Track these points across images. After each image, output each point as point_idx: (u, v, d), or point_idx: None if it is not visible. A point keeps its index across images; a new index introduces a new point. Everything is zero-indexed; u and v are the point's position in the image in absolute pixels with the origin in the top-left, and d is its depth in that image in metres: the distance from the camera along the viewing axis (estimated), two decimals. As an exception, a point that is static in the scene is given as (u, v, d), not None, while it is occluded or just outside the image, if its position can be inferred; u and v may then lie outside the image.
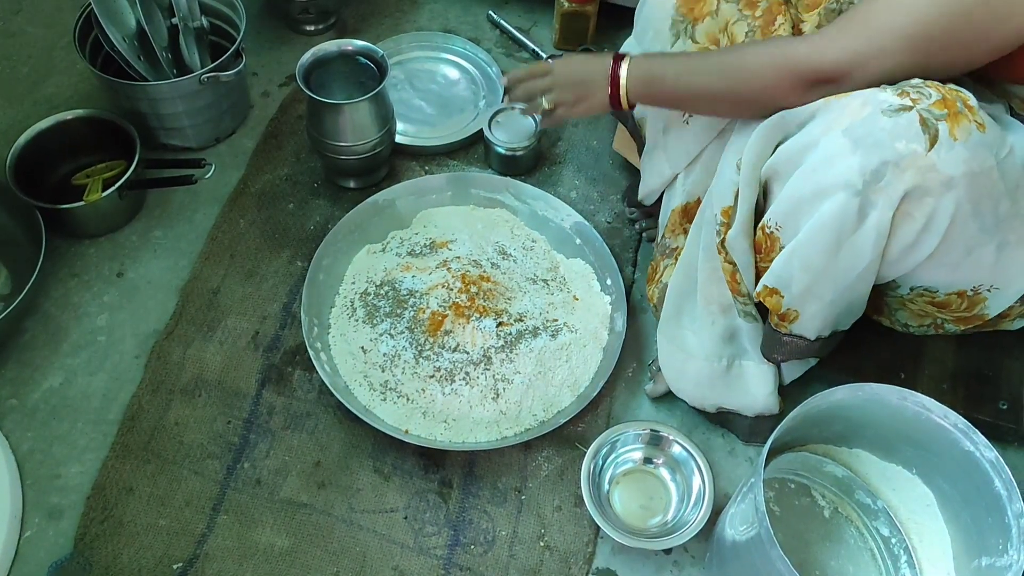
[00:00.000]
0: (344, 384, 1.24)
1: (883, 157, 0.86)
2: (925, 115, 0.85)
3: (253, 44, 1.68)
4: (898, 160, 0.86)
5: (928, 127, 0.85)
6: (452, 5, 1.80)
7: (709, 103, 1.10)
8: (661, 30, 1.16)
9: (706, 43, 1.12)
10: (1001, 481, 0.92)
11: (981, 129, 0.86)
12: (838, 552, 1.13)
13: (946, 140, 0.85)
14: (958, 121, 0.85)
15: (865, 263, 0.95)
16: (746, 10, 1.10)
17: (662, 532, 1.15)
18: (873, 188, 0.88)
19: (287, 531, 1.15)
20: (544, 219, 1.44)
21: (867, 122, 0.87)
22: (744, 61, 1.02)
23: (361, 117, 1.36)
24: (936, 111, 0.86)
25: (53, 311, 1.33)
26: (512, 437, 1.20)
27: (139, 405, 1.24)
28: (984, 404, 1.22)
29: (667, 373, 1.24)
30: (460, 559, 1.14)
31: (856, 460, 1.13)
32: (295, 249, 1.41)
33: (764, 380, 1.18)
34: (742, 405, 1.20)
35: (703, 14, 1.12)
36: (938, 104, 0.86)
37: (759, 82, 1.00)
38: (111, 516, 1.15)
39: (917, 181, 0.86)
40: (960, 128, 0.85)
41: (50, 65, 1.64)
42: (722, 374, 1.18)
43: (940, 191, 0.87)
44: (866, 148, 0.87)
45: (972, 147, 0.85)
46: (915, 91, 0.88)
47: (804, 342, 1.08)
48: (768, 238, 1.02)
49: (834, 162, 0.90)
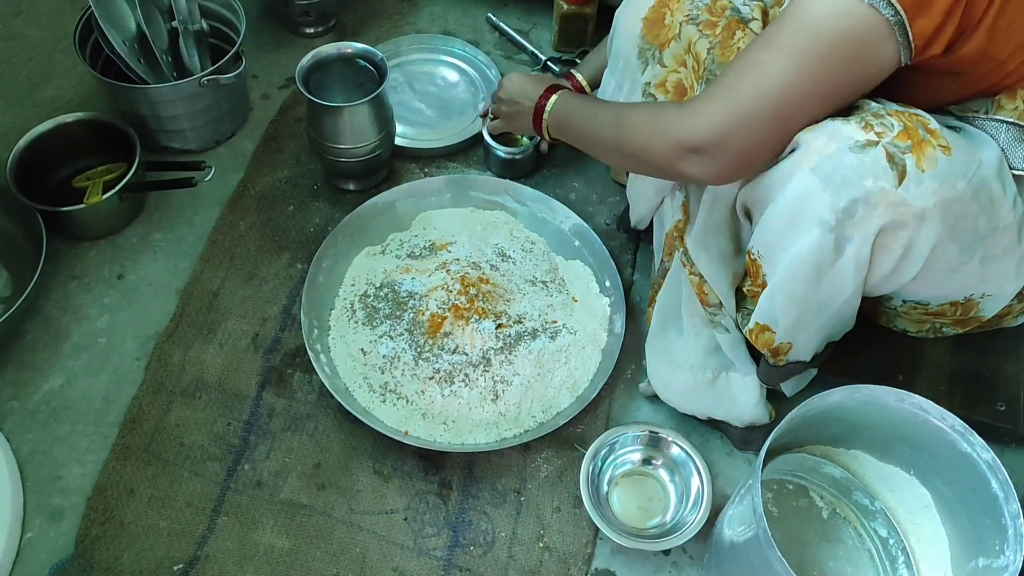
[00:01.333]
0: (344, 386, 1.24)
1: (852, 195, 0.86)
2: (891, 150, 0.85)
3: (253, 46, 1.68)
4: (867, 198, 0.85)
5: (895, 162, 0.84)
6: (451, 7, 1.80)
7: (606, 153, 1.12)
8: (630, 58, 1.17)
9: (675, 66, 1.12)
10: (998, 482, 0.93)
11: (947, 152, 0.85)
12: (836, 553, 1.14)
13: (914, 174, 0.84)
14: (923, 150, 0.85)
15: (848, 293, 0.95)
16: (706, 30, 1.10)
17: (661, 533, 1.15)
18: (847, 224, 0.88)
19: (287, 532, 1.15)
20: (543, 221, 1.44)
21: (833, 159, 0.86)
22: (629, 119, 1.03)
23: (361, 120, 1.36)
24: (900, 143, 0.85)
25: (54, 313, 1.34)
26: (511, 438, 1.21)
27: (140, 407, 1.24)
28: (982, 406, 1.22)
29: (656, 384, 1.24)
30: (460, 560, 1.15)
31: (854, 461, 1.14)
32: (295, 251, 1.42)
33: (750, 391, 1.18)
34: (730, 416, 1.20)
35: (667, 39, 1.12)
36: (901, 136, 0.85)
37: (639, 142, 1.00)
38: (112, 518, 1.15)
39: (890, 217, 0.86)
40: (926, 158, 0.85)
41: (50, 68, 1.64)
42: (708, 385, 1.19)
43: (915, 224, 0.86)
44: (835, 186, 0.87)
45: (941, 176, 0.85)
46: (878, 123, 0.87)
47: (801, 364, 1.10)
48: (753, 264, 1.03)
49: (805, 200, 0.89)
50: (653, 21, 1.13)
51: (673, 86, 1.14)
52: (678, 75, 1.13)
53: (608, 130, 1.07)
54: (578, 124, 1.16)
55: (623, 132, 1.03)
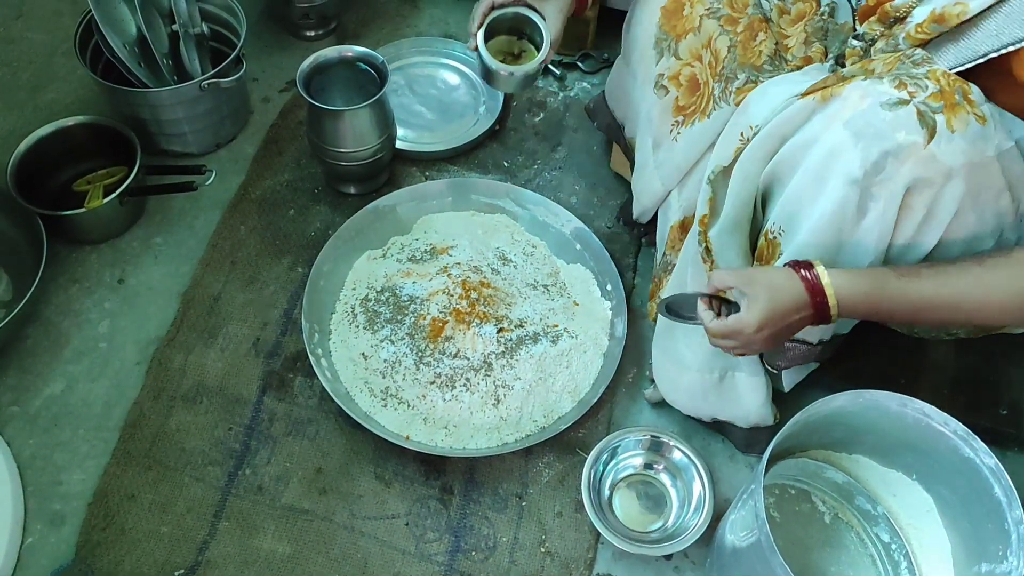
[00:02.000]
0: (345, 390, 1.24)
1: (883, 148, 0.86)
2: (922, 108, 0.85)
3: (253, 50, 1.68)
4: (898, 151, 0.86)
5: (925, 120, 0.85)
6: (452, 10, 1.80)
7: (944, 324, 1.04)
8: (646, 48, 1.17)
9: (689, 59, 1.13)
10: (1001, 487, 0.93)
11: (981, 121, 0.86)
12: (838, 558, 1.13)
13: (944, 132, 0.85)
14: (955, 112, 0.85)
15: (868, 261, 0.94)
16: (727, 26, 1.10)
17: (662, 538, 1.15)
18: (873, 180, 0.88)
19: (288, 538, 1.15)
20: (544, 224, 1.44)
21: (867, 113, 0.87)
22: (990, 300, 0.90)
23: (361, 123, 1.36)
24: (932, 103, 0.85)
25: (54, 318, 1.34)
26: (513, 443, 1.20)
27: (140, 412, 1.24)
28: (984, 410, 1.23)
29: (661, 385, 1.24)
30: (461, 565, 1.14)
31: (856, 466, 1.13)
32: (296, 255, 1.42)
33: (757, 392, 1.17)
34: (735, 416, 1.20)
35: (685, 31, 1.12)
36: (935, 96, 0.86)
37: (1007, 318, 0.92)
38: (113, 523, 1.15)
39: (917, 172, 0.86)
40: (958, 119, 0.85)
41: (51, 71, 1.64)
42: (715, 385, 1.18)
43: (941, 182, 0.87)
44: (867, 139, 0.87)
45: (971, 138, 0.85)
46: (912, 82, 0.87)
47: (806, 347, 1.08)
48: (770, 244, 1.02)
49: (836, 155, 0.90)
50: (672, 11, 1.13)
51: (686, 79, 1.14)
52: (692, 69, 1.13)
53: (940, 313, 0.92)
54: (886, 310, 0.92)
55: (972, 310, 0.91)
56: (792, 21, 1.10)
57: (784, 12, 1.11)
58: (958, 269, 0.89)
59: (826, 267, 0.90)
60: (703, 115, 1.14)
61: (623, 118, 1.33)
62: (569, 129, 1.60)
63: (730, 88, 1.12)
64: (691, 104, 1.15)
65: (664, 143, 1.21)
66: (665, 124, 1.19)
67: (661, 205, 1.28)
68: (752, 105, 1.04)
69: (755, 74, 1.10)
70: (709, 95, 1.13)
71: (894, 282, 0.89)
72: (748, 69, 1.10)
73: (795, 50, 1.12)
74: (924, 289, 0.89)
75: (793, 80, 1.06)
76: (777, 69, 1.12)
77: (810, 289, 0.90)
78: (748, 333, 0.92)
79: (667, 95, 1.17)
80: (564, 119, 1.61)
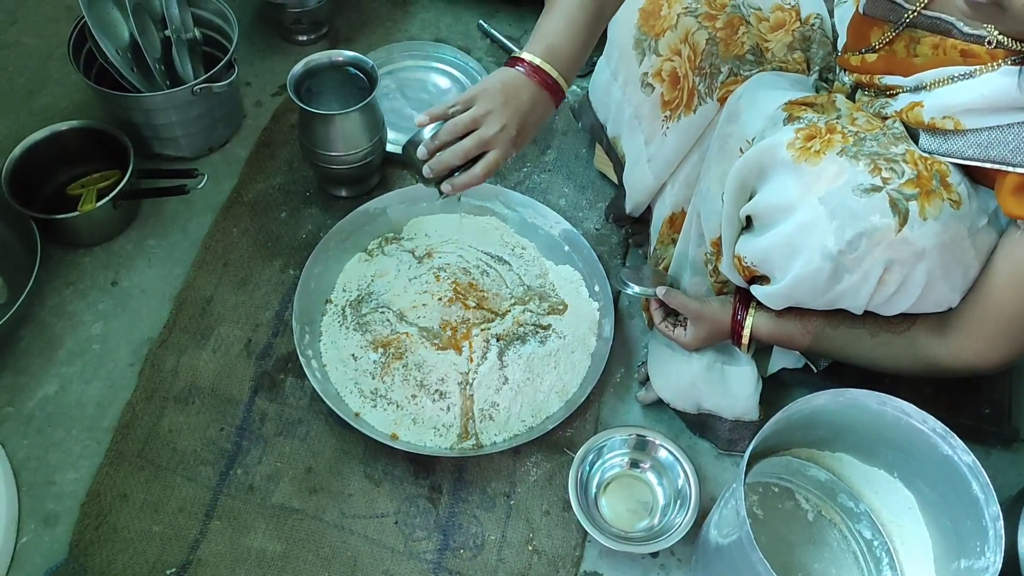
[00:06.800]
0: (335, 391, 1.25)
1: (858, 229, 0.87)
2: (895, 196, 0.86)
3: (246, 54, 1.70)
4: (872, 232, 0.87)
5: (898, 207, 0.86)
6: (443, 14, 1.82)
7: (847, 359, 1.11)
8: (626, 48, 1.19)
9: (669, 54, 1.14)
10: (978, 484, 0.94)
11: (956, 206, 0.87)
12: (821, 555, 1.15)
13: (916, 219, 0.86)
14: (930, 200, 0.86)
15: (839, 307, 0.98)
16: (705, 22, 1.12)
17: (649, 536, 1.16)
18: (848, 257, 0.89)
19: (279, 536, 1.17)
20: (533, 226, 1.45)
21: (841, 193, 0.88)
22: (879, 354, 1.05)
23: (352, 127, 1.37)
24: (907, 191, 0.86)
25: (48, 319, 1.35)
26: (501, 443, 1.22)
27: (133, 412, 1.25)
28: (967, 409, 1.24)
29: (652, 369, 1.26)
30: (449, 563, 1.16)
31: (839, 464, 1.15)
32: (287, 257, 1.43)
33: (745, 383, 1.19)
34: (722, 406, 1.22)
35: (663, 29, 1.14)
36: (910, 183, 0.86)
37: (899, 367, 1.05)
38: (105, 522, 1.16)
39: (890, 254, 0.88)
40: (932, 206, 0.86)
41: (45, 76, 1.65)
42: (704, 372, 1.20)
43: (913, 261, 0.88)
44: (842, 219, 0.88)
45: (944, 221, 0.86)
46: (888, 167, 0.87)
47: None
48: (745, 269, 1.05)
49: (811, 229, 0.90)
50: (650, 12, 1.15)
51: (667, 74, 1.15)
52: (672, 63, 1.15)
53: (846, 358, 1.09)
54: (794, 347, 1.14)
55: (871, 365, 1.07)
56: (772, 28, 1.12)
57: (762, 19, 1.13)
58: (855, 338, 1.04)
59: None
60: (688, 110, 1.16)
61: (605, 118, 1.35)
62: (558, 132, 1.61)
63: (715, 83, 1.13)
64: (675, 98, 1.17)
65: (655, 139, 1.23)
66: (655, 120, 1.21)
67: (657, 199, 1.30)
68: (744, 114, 1.05)
69: (738, 65, 1.11)
70: (691, 89, 1.15)
71: (799, 339, 1.09)
72: (731, 61, 1.12)
73: (776, 51, 1.13)
74: (824, 348, 1.09)
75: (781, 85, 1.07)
76: (760, 61, 1.13)
77: (735, 325, 1.13)
78: (683, 343, 1.18)
79: (653, 92, 1.19)
80: (553, 122, 1.62)
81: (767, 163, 0.96)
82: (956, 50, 0.89)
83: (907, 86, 0.95)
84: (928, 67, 0.92)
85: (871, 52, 1.00)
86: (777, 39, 1.13)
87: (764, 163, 0.97)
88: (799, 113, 0.98)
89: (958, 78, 0.88)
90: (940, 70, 0.90)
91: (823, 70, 1.14)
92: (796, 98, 1.01)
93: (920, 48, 0.94)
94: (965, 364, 0.97)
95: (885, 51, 0.98)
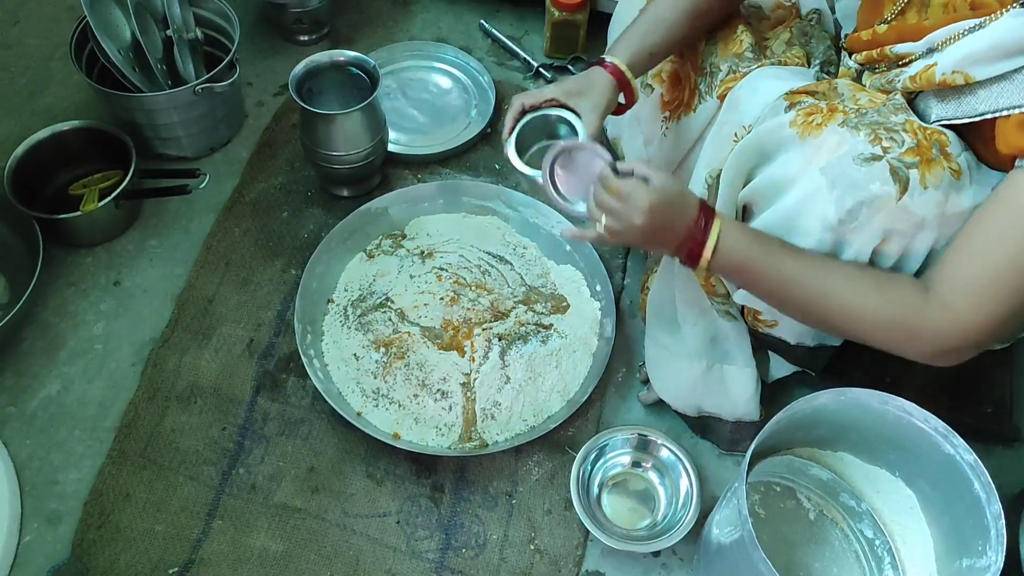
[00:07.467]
0: (337, 390, 1.25)
1: (858, 198, 0.86)
2: (895, 164, 0.85)
3: (247, 54, 1.70)
4: (872, 201, 0.86)
5: (898, 175, 0.85)
6: (444, 14, 1.82)
7: (794, 315, 0.99)
8: None
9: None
10: (980, 483, 0.94)
11: (956, 176, 0.86)
12: (823, 554, 1.15)
13: (916, 187, 0.85)
14: (931, 168, 0.85)
15: None
16: None
17: (651, 535, 1.17)
18: (848, 228, 0.89)
19: (281, 536, 1.17)
20: (535, 226, 1.45)
21: (842, 162, 0.87)
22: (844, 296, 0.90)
23: (353, 127, 1.38)
24: (907, 159, 0.86)
25: (51, 319, 1.35)
26: (503, 442, 1.22)
27: (135, 412, 1.26)
28: (969, 408, 1.24)
29: (651, 372, 1.26)
30: (452, 562, 1.16)
31: (840, 463, 1.15)
32: (289, 257, 1.43)
33: (745, 384, 1.19)
34: (722, 408, 1.22)
35: None
36: (910, 152, 0.86)
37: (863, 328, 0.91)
38: (108, 522, 1.16)
39: (890, 223, 0.87)
40: (932, 175, 0.85)
41: (47, 76, 1.66)
42: (703, 375, 1.20)
43: (913, 231, 0.87)
44: (842, 188, 0.87)
45: (945, 190, 0.86)
46: (888, 136, 0.87)
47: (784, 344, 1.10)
48: None
49: (812, 200, 0.90)
50: None
51: (668, 75, 1.15)
52: (672, 64, 1.15)
53: (806, 296, 0.92)
54: (756, 275, 0.94)
55: (834, 308, 0.91)
56: (771, 25, 1.12)
57: (763, 18, 1.12)
58: (843, 274, 0.90)
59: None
60: (688, 109, 1.16)
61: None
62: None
63: (714, 82, 1.13)
64: (675, 99, 1.17)
65: (655, 139, 1.23)
66: (655, 121, 1.21)
67: None
68: (743, 103, 1.05)
69: (737, 63, 1.11)
70: (692, 88, 1.15)
71: (777, 250, 0.91)
72: (731, 59, 1.12)
73: (776, 48, 1.13)
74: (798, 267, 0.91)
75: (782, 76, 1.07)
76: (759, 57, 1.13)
77: (702, 210, 0.92)
78: (636, 205, 0.91)
79: (653, 93, 1.19)
80: (555, 122, 1.62)
81: (770, 144, 0.96)
82: (966, 4, 0.89)
83: (919, 51, 0.94)
84: (938, 27, 0.91)
85: (883, 24, 0.99)
86: (776, 36, 1.13)
87: (766, 145, 0.96)
88: (800, 99, 0.98)
89: (968, 31, 0.87)
90: (950, 27, 0.89)
91: (824, 63, 1.14)
92: (797, 87, 1.01)
93: (930, 11, 0.94)
94: (934, 329, 0.87)
95: (897, 20, 0.98)
